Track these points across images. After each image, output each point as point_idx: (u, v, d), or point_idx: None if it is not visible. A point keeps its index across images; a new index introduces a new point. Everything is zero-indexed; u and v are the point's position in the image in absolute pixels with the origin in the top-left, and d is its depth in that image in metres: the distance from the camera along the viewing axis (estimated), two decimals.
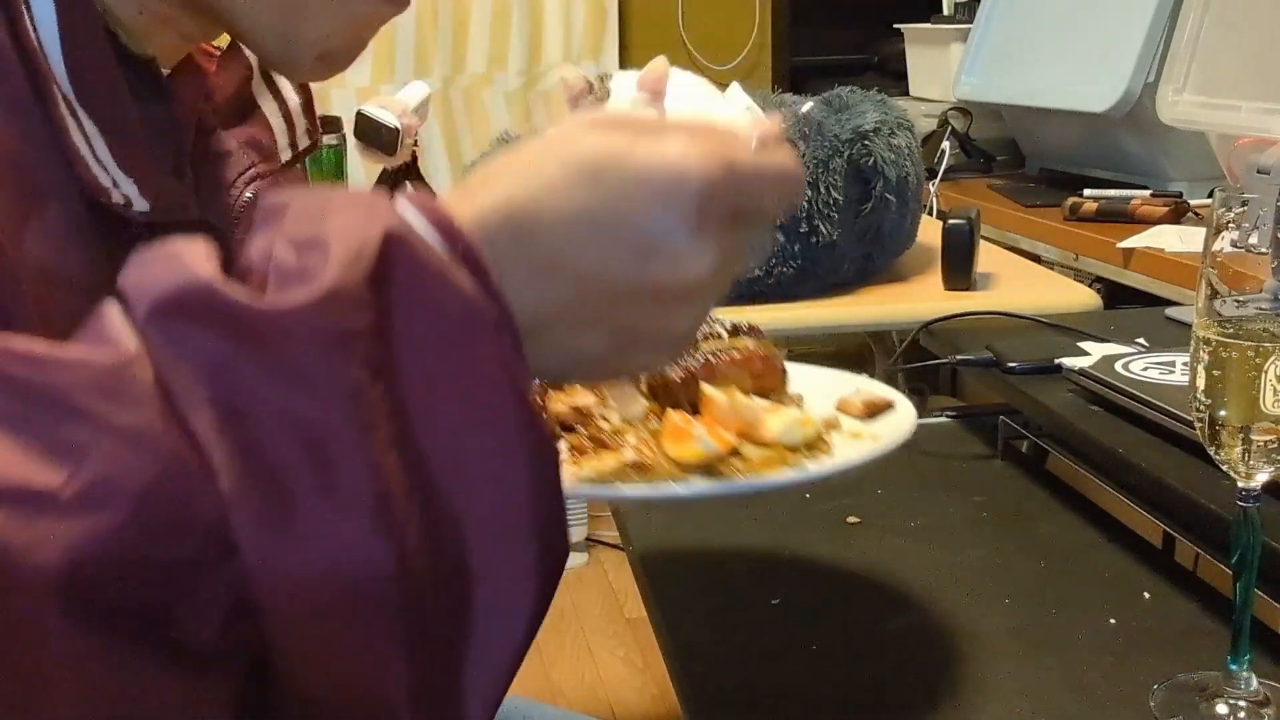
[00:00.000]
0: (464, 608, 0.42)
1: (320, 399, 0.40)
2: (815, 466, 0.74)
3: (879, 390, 0.85)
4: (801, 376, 0.87)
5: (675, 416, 0.77)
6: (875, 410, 0.83)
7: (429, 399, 0.41)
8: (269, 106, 0.74)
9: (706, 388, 0.79)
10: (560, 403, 0.78)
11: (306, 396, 0.40)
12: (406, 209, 0.44)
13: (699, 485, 0.72)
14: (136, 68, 0.64)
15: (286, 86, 0.76)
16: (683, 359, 0.79)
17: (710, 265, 0.48)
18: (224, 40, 0.73)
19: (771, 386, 0.83)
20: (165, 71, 0.67)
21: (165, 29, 0.65)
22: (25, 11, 0.57)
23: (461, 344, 0.42)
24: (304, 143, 0.76)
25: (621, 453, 0.76)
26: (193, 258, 0.42)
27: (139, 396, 0.39)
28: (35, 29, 0.57)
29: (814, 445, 0.77)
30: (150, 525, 0.38)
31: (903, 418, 0.81)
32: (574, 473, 0.73)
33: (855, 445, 0.78)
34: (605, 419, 0.79)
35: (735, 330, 0.85)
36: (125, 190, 0.60)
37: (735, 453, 0.74)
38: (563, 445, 0.74)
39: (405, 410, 0.41)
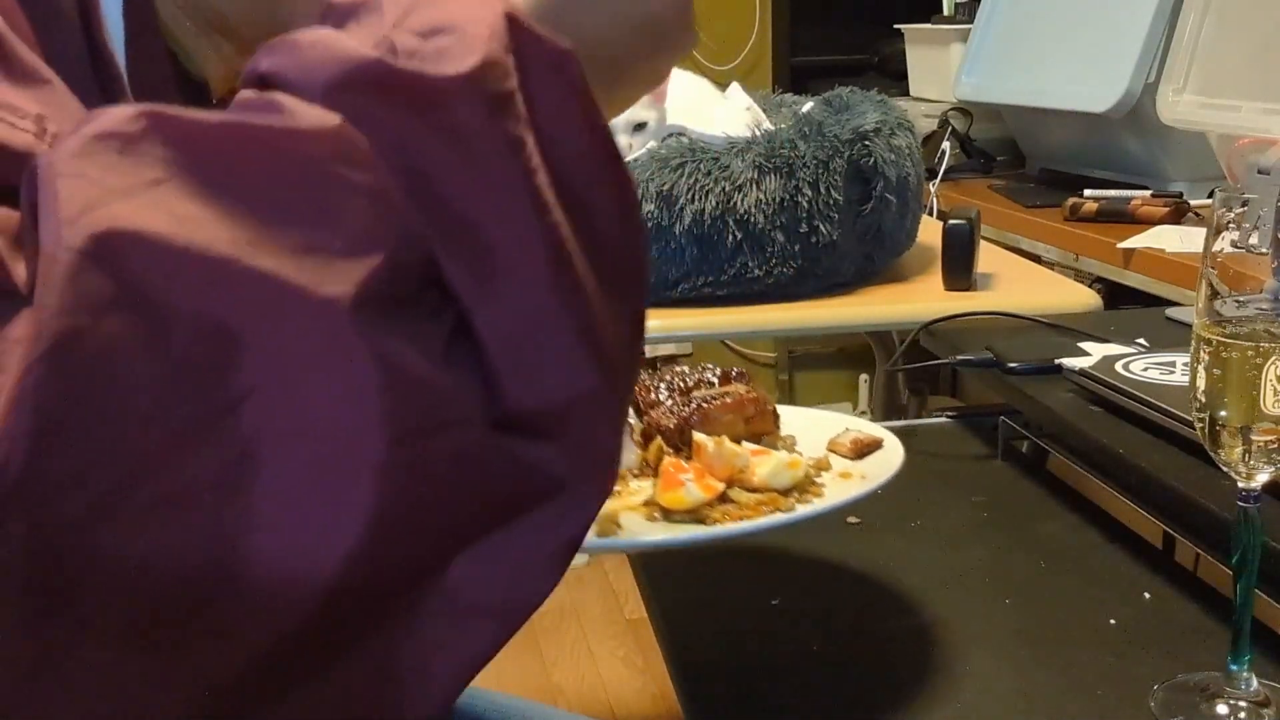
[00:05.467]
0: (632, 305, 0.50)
1: (490, 158, 0.45)
2: (803, 509, 0.77)
3: (869, 429, 0.88)
4: (794, 418, 0.89)
5: (669, 464, 0.80)
6: (864, 449, 0.86)
7: (559, 146, 0.48)
8: None
9: (697, 435, 0.82)
10: None
11: (478, 158, 0.45)
12: None
13: (678, 534, 0.76)
14: (189, 90, 0.66)
15: None
16: (677, 407, 0.85)
17: None
18: None
19: (764, 430, 0.86)
20: (214, 101, 0.69)
21: (215, 55, 0.67)
22: (100, 13, 0.59)
23: (569, 90, 0.49)
24: None
25: (629, 500, 0.80)
26: (346, 39, 0.47)
27: (365, 159, 0.44)
28: (107, 32, 0.59)
29: (804, 487, 0.80)
30: (399, 274, 0.43)
31: (890, 456, 0.84)
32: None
33: (843, 485, 0.81)
34: None
35: (725, 377, 0.89)
36: None
37: (725, 498, 0.77)
38: None
39: (551, 158, 0.47)
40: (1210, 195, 0.69)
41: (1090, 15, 2.25)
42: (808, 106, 1.76)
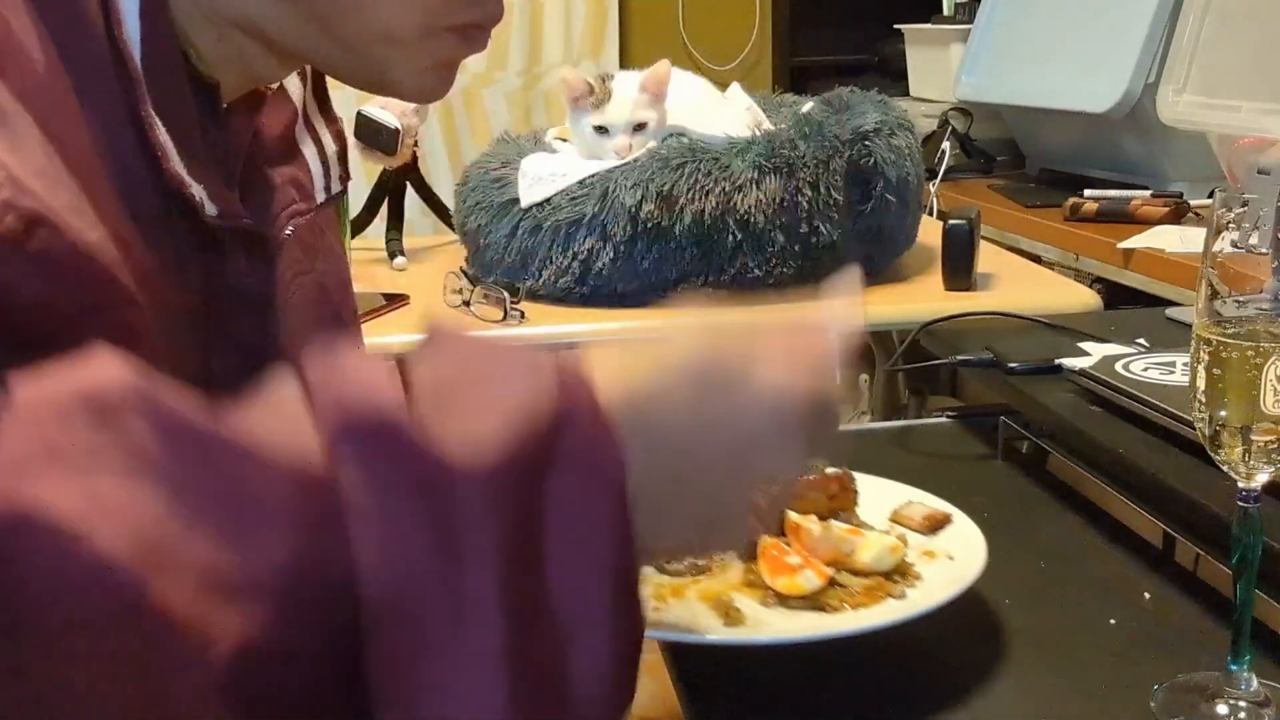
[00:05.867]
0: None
1: (470, 562, 0.45)
2: (921, 597, 0.78)
3: (932, 503, 0.90)
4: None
5: (771, 546, 0.80)
6: (936, 525, 0.88)
7: (563, 555, 0.47)
8: (309, 151, 0.76)
9: (794, 515, 0.82)
10: None
11: (458, 559, 0.45)
12: (572, 381, 0.50)
13: (826, 629, 0.75)
14: (201, 91, 0.66)
15: (325, 134, 0.78)
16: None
17: (798, 460, 0.59)
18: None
19: (845, 507, 0.87)
20: (225, 103, 0.69)
21: (238, 61, 0.67)
22: (121, 17, 0.59)
23: (600, 507, 0.49)
24: (336, 188, 0.78)
25: (726, 577, 0.81)
26: (381, 388, 0.47)
27: (321, 517, 0.44)
28: (127, 34, 0.60)
29: (901, 569, 0.81)
30: (300, 629, 0.44)
31: (966, 533, 0.85)
32: (687, 605, 0.78)
33: (936, 567, 0.82)
34: None
35: None
36: (197, 191, 0.62)
37: (833, 582, 0.78)
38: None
39: (543, 567, 0.47)
40: (1210, 195, 0.68)
41: (1090, 15, 2.25)
42: (808, 106, 1.76)
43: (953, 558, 0.83)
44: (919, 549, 0.85)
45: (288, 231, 0.72)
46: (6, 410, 0.43)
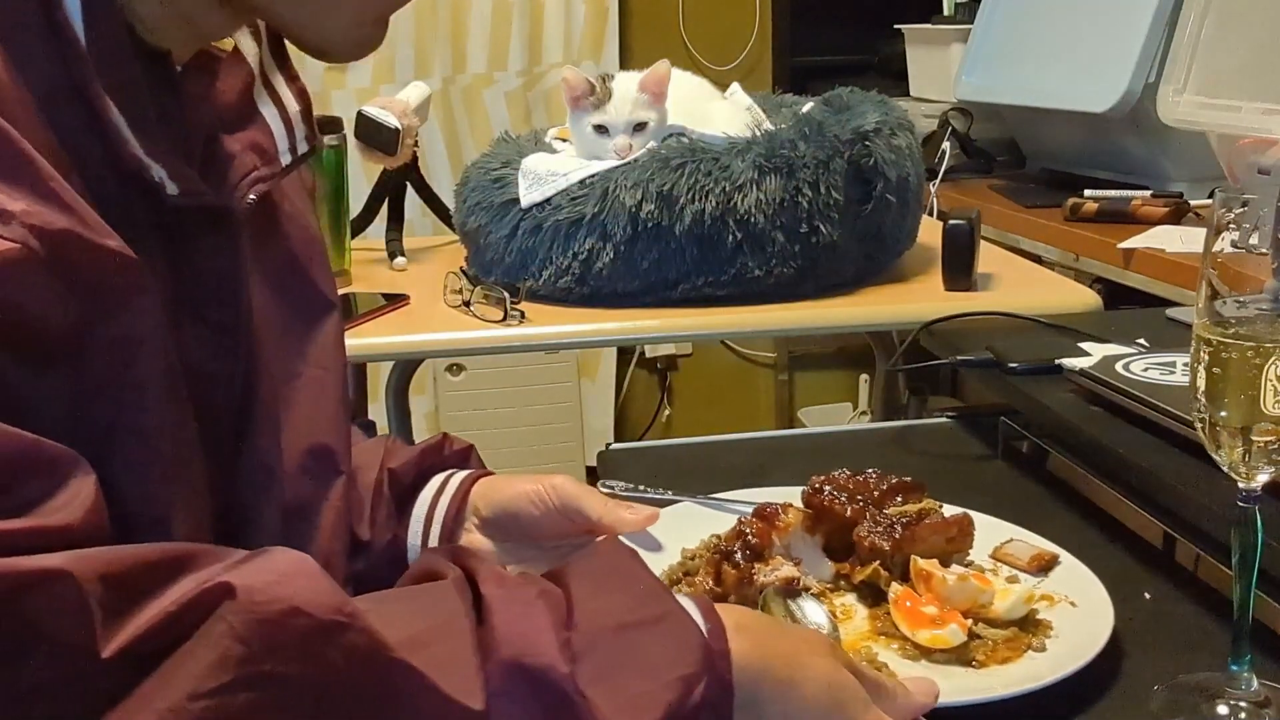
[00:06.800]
0: None
1: None
2: (1056, 648, 0.76)
3: (1035, 541, 0.88)
4: None
5: (904, 595, 0.79)
6: (1044, 565, 0.86)
7: None
8: (269, 112, 0.74)
9: (922, 562, 0.80)
10: (765, 575, 0.81)
11: None
12: (718, 673, 0.57)
13: (985, 692, 0.72)
14: (150, 61, 0.65)
15: (287, 93, 0.76)
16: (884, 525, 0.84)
17: None
18: (228, 44, 0.73)
19: (961, 549, 0.86)
20: (178, 69, 0.68)
21: (185, 25, 0.66)
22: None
23: None
24: (303, 148, 0.76)
25: (853, 625, 0.81)
26: (552, 641, 0.55)
27: None
28: (67, 16, 0.59)
29: (1030, 616, 0.79)
30: None
31: (1081, 576, 0.84)
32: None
33: (1064, 614, 0.80)
34: (807, 586, 0.81)
35: (905, 486, 0.88)
36: (156, 172, 0.62)
37: (970, 633, 0.77)
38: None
39: None
40: (1210, 195, 0.68)
41: (1090, 15, 2.25)
42: (808, 106, 1.76)
43: (1075, 604, 0.81)
44: (1039, 593, 0.82)
45: (250, 199, 0.70)
46: (220, 601, 0.49)
